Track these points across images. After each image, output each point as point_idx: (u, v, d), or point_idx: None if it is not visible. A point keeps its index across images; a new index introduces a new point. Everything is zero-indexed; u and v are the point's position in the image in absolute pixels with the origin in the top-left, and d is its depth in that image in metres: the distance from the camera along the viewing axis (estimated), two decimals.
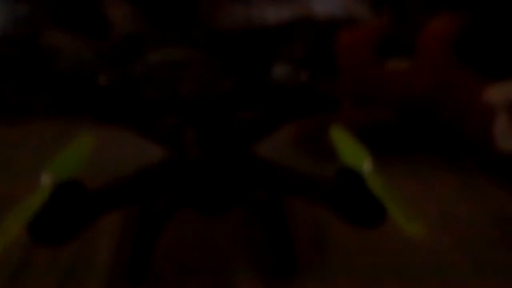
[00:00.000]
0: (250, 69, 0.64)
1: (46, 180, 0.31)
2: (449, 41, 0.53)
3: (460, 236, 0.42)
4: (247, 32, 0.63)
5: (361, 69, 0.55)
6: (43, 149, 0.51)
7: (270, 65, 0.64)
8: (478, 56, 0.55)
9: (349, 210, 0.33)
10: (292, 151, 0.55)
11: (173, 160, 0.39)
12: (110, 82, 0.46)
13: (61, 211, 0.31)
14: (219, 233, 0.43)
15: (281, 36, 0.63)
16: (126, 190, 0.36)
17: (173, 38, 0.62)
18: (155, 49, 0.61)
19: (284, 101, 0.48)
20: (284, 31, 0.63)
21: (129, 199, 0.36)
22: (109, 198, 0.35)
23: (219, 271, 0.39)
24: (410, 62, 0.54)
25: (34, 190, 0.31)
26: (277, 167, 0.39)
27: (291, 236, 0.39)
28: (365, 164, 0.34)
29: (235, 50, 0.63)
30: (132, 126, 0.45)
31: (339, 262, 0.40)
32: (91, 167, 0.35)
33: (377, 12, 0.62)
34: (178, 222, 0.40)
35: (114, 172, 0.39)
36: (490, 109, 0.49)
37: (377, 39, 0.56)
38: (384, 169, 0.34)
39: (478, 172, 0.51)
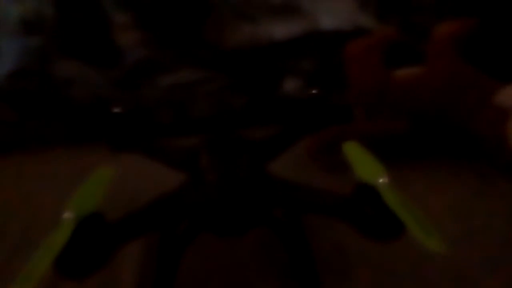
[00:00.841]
0: (260, 85, 0.64)
1: (69, 216, 0.32)
2: (458, 45, 0.53)
3: (479, 243, 0.42)
4: (256, 49, 0.64)
5: (370, 78, 0.55)
6: (60, 180, 0.52)
7: (280, 80, 0.64)
8: (488, 59, 0.54)
9: (366, 225, 0.33)
10: (307, 165, 0.55)
11: (189, 185, 0.39)
12: (124, 110, 0.47)
13: (84, 245, 0.32)
14: (240, 256, 0.43)
15: (290, 51, 0.63)
16: (145, 218, 0.36)
17: (182, 60, 0.62)
18: (166, 72, 0.62)
19: (297, 114, 0.49)
20: (292, 46, 0.63)
21: (149, 227, 0.36)
22: (129, 228, 0.35)
23: None
24: (420, 69, 0.54)
25: (57, 228, 0.31)
26: (294, 185, 0.39)
27: (313, 254, 0.39)
28: (381, 179, 0.34)
29: (244, 68, 0.64)
30: (147, 152, 0.46)
31: (361, 277, 0.40)
32: (110, 197, 0.36)
33: (383, 21, 0.62)
34: (197, 248, 0.40)
35: (133, 201, 0.39)
36: (503, 112, 0.49)
37: (384, 48, 0.56)
38: (400, 179, 0.34)
39: (496, 175, 0.51)
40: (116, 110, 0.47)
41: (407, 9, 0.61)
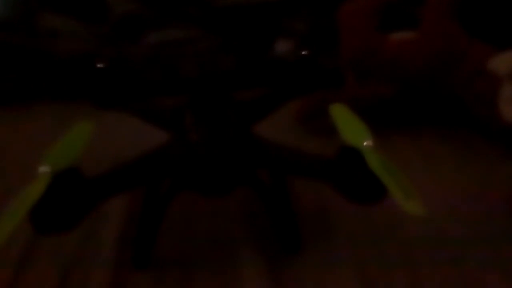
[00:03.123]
0: (251, 45, 0.63)
1: (45, 169, 0.31)
2: (453, 10, 0.52)
3: (459, 205, 0.42)
4: (248, 8, 0.62)
5: (362, 41, 0.53)
6: (40, 136, 0.51)
7: (271, 41, 0.63)
8: (483, 25, 0.53)
9: (349, 188, 0.33)
10: (295, 128, 0.54)
11: (174, 143, 0.39)
12: (108, 64, 0.46)
13: (61, 199, 0.31)
14: (222, 214, 0.43)
15: (283, 11, 0.62)
16: (126, 175, 0.36)
17: (171, 17, 0.61)
18: (154, 29, 0.60)
19: (287, 77, 0.48)
20: (285, 6, 0.62)
21: (130, 184, 0.36)
22: (109, 184, 0.35)
23: (224, 252, 0.39)
24: (414, 34, 0.53)
25: (33, 180, 0.31)
26: (279, 146, 0.39)
27: (294, 213, 0.39)
28: (366, 142, 0.33)
29: (235, 27, 0.62)
30: (131, 110, 0.45)
31: (342, 237, 0.40)
32: (90, 154, 0.35)
33: None
34: (180, 207, 0.40)
35: (114, 159, 0.39)
36: (495, 79, 0.48)
37: (378, 10, 0.55)
38: (388, 145, 0.34)
39: (483, 143, 0.50)
40: (100, 65, 0.46)
41: None
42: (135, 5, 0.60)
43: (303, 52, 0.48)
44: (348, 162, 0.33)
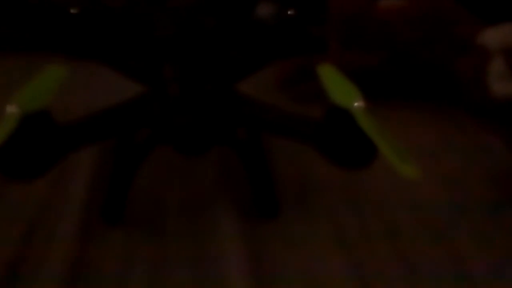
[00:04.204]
0: (232, 6, 0.60)
1: (12, 110, 0.29)
2: None
3: (443, 176, 0.42)
4: None
5: (352, 6, 0.52)
6: (8, 85, 0.48)
7: (253, 2, 0.61)
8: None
9: (337, 150, 0.32)
10: (275, 94, 0.53)
11: (151, 95, 0.37)
12: (81, 10, 0.43)
13: (30, 143, 0.29)
14: (199, 172, 0.41)
15: None
16: (100, 123, 0.34)
17: None
18: None
19: (268, 39, 0.46)
20: None
21: (104, 133, 0.34)
22: (82, 131, 0.32)
23: (199, 212, 0.38)
24: (404, 1, 0.51)
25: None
26: (261, 105, 0.37)
27: (272, 176, 0.37)
28: (356, 103, 0.32)
29: None
30: (106, 60, 0.42)
31: (321, 201, 0.39)
32: (61, 103, 0.33)
33: None
34: (156, 161, 0.38)
35: (86, 109, 0.36)
36: (485, 52, 0.47)
37: None
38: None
39: (469, 117, 0.50)
40: (73, 11, 0.43)
41: None
42: None
43: (289, 12, 0.46)
44: (336, 123, 0.32)
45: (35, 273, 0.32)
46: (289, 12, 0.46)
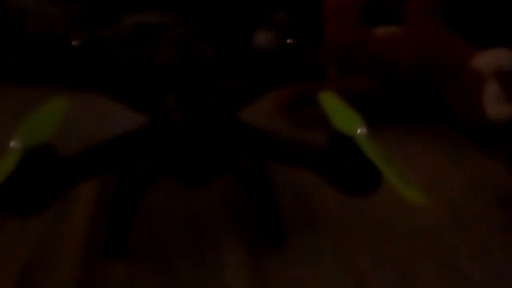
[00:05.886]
0: (231, 35, 0.61)
1: (16, 145, 0.28)
2: (438, 8, 0.52)
3: (444, 201, 0.42)
4: None
5: (347, 33, 0.53)
6: (11, 118, 0.48)
7: (252, 31, 0.61)
8: (466, 24, 0.53)
9: (342, 177, 0.32)
10: (275, 120, 0.53)
11: (153, 125, 0.37)
12: (83, 43, 0.43)
13: (31, 178, 0.28)
14: (202, 203, 0.41)
15: (264, 1, 0.60)
16: (102, 156, 0.33)
17: (148, 1, 0.59)
18: (130, 12, 0.58)
19: (267, 67, 0.46)
20: None
21: (106, 166, 0.34)
22: (84, 165, 0.32)
23: (204, 244, 0.37)
24: (399, 29, 0.52)
25: (3, 156, 0.28)
26: (264, 132, 0.37)
27: (277, 203, 0.37)
28: (359, 129, 0.32)
29: (215, 15, 0.60)
30: (108, 91, 0.42)
31: (327, 228, 0.39)
32: (64, 135, 0.32)
33: None
34: (158, 192, 0.37)
35: (88, 140, 0.36)
36: (479, 77, 0.48)
37: (364, 4, 0.54)
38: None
39: (465, 140, 0.50)
40: (75, 43, 0.43)
41: None
42: None
43: (288, 41, 0.47)
44: (340, 150, 0.32)
45: None
46: (288, 41, 0.46)
